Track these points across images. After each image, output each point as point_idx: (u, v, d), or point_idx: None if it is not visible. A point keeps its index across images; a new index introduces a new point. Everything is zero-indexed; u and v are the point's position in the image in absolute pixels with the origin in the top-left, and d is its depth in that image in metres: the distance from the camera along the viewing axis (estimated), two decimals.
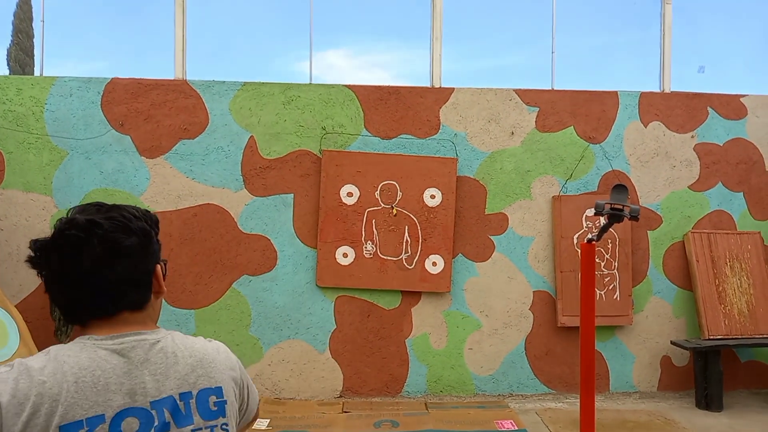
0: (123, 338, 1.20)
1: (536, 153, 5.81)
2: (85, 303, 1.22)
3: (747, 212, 5.98)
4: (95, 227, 1.18)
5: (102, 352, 1.18)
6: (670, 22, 6.05)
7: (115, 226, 1.20)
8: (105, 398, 1.12)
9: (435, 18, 5.90)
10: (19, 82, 5.57)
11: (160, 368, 1.20)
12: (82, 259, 1.17)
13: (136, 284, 1.25)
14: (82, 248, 1.17)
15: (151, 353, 1.21)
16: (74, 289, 1.20)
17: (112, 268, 1.19)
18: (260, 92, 5.65)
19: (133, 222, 1.23)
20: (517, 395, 5.72)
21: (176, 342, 1.26)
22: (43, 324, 5.24)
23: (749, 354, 5.96)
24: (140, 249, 1.24)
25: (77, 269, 1.18)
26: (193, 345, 1.29)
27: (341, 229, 5.57)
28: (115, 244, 1.19)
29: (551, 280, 5.78)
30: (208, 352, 1.29)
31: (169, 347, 1.24)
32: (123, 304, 1.23)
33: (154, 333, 1.25)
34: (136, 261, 1.23)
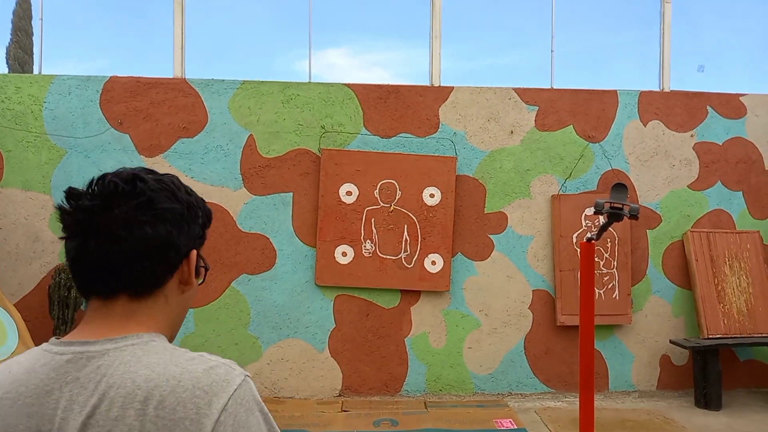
0: (71, 346, 0.95)
1: (535, 152, 5.80)
2: (91, 268, 0.98)
3: (746, 211, 5.98)
4: (139, 181, 1.01)
5: (41, 362, 0.95)
6: (669, 21, 6.05)
7: (159, 186, 1.03)
8: (16, 422, 0.91)
9: (434, 17, 5.90)
10: (18, 81, 5.56)
11: (81, 395, 0.90)
12: (113, 211, 0.97)
13: (157, 257, 1.00)
14: (117, 198, 0.98)
15: (83, 372, 0.92)
16: (89, 249, 0.97)
17: (141, 224, 0.98)
18: (259, 91, 5.64)
19: (181, 192, 1.06)
20: (516, 394, 5.72)
21: (126, 361, 0.92)
22: (42, 323, 5.24)
23: (748, 353, 5.96)
24: (178, 220, 1.03)
25: (102, 217, 0.96)
26: (149, 373, 0.90)
27: (340, 228, 5.56)
28: (153, 200, 1.00)
29: (550, 279, 5.78)
30: (168, 389, 0.89)
31: (112, 366, 0.92)
32: (127, 281, 0.99)
33: (111, 341, 0.95)
34: (170, 229, 1.01)
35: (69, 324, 5.11)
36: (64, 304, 5.10)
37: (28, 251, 5.46)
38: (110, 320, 0.99)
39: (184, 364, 0.93)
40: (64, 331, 5.09)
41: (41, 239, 5.47)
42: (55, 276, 5.16)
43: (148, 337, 0.98)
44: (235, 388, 0.92)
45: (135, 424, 0.87)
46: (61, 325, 5.09)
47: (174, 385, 0.89)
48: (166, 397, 0.88)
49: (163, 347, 0.97)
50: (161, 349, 0.96)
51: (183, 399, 0.88)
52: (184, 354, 0.96)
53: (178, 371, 0.91)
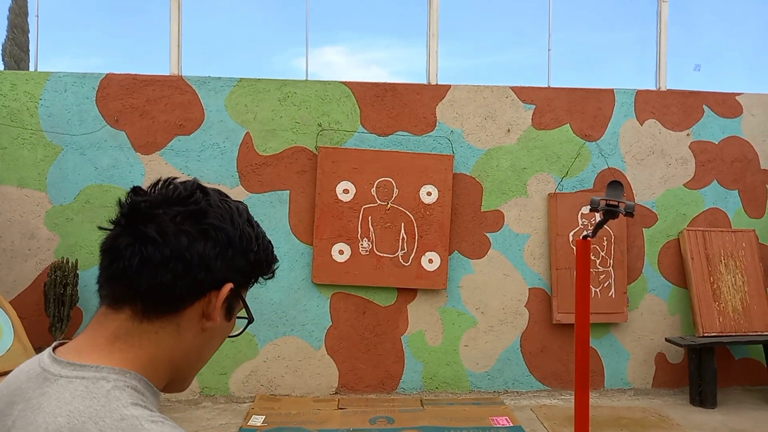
0: (49, 360, 0.87)
1: (532, 150, 5.81)
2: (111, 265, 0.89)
3: (742, 210, 6.00)
4: (200, 191, 0.93)
5: (27, 368, 0.89)
6: (666, 20, 6.06)
7: (220, 205, 0.94)
8: None
9: (432, 15, 5.90)
10: (14, 78, 5.54)
11: (17, 423, 0.82)
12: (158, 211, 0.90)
13: (181, 273, 0.87)
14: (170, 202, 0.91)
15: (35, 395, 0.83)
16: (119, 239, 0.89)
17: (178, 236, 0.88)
18: (256, 88, 5.63)
19: (242, 220, 0.96)
20: (512, 392, 5.74)
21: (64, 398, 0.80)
22: (38, 320, 5.22)
23: (743, 351, 5.99)
24: (223, 243, 0.91)
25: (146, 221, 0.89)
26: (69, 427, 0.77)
27: (337, 226, 5.56)
28: (202, 212, 0.91)
29: (547, 277, 5.79)
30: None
31: (50, 399, 0.81)
32: (140, 291, 0.87)
33: (74, 368, 0.83)
34: (211, 251, 0.89)
35: (65, 321, 5.09)
36: (59, 301, 5.08)
37: (24, 248, 5.45)
38: (98, 336, 0.88)
39: (106, 426, 0.77)
40: (59, 329, 5.07)
41: (37, 236, 5.45)
42: (50, 273, 5.15)
43: (107, 372, 0.83)
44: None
45: None
46: (57, 323, 5.08)
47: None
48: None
49: (107, 392, 0.80)
50: (102, 395, 0.80)
51: None
52: (118, 410, 0.79)
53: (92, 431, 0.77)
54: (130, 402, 0.80)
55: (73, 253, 5.41)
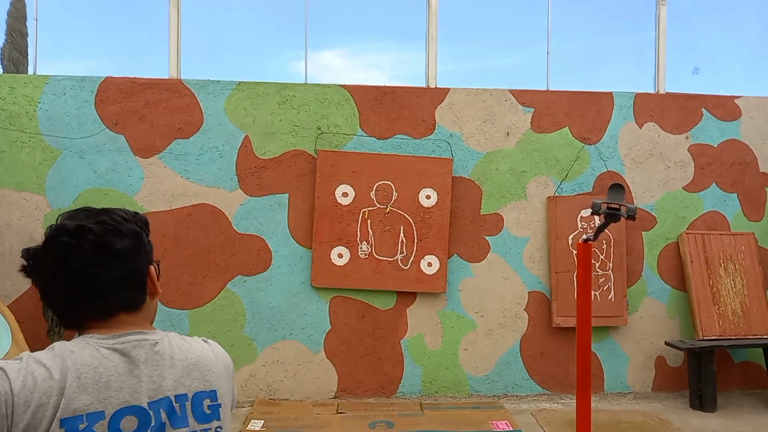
0: (125, 338, 1.22)
1: (531, 153, 5.81)
2: (80, 305, 1.22)
3: (741, 213, 6.00)
4: (86, 232, 1.20)
5: (104, 351, 1.19)
6: (664, 23, 6.07)
7: (105, 229, 1.21)
8: (105, 395, 1.14)
9: (430, 18, 5.90)
10: (13, 81, 5.53)
11: (158, 369, 1.21)
12: (73, 262, 1.18)
13: (130, 285, 1.25)
14: (73, 252, 1.19)
15: (150, 354, 1.22)
16: (68, 292, 1.20)
17: (105, 269, 1.20)
18: (255, 92, 5.63)
19: (124, 225, 1.25)
20: (511, 396, 5.72)
21: (173, 344, 1.27)
22: (36, 324, 5.21)
23: (743, 355, 5.98)
24: (132, 250, 1.25)
25: (69, 272, 1.19)
26: (190, 347, 1.29)
27: (336, 229, 5.55)
28: (107, 246, 1.20)
29: (546, 280, 5.78)
30: (205, 355, 1.30)
31: (166, 349, 1.25)
32: (118, 305, 1.24)
33: (153, 334, 1.26)
34: (129, 262, 1.24)
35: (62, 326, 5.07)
36: None
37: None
38: (132, 324, 1.27)
39: (199, 344, 1.35)
40: (57, 333, 5.06)
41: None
42: None
43: (164, 332, 1.30)
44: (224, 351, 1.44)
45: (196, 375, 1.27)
46: (55, 327, 5.06)
47: (202, 354, 1.32)
48: (206, 357, 1.32)
49: (179, 336, 1.32)
50: (179, 337, 1.32)
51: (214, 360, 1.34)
52: (193, 339, 1.37)
53: (200, 347, 1.34)
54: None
55: None
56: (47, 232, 1.23)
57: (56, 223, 1.24)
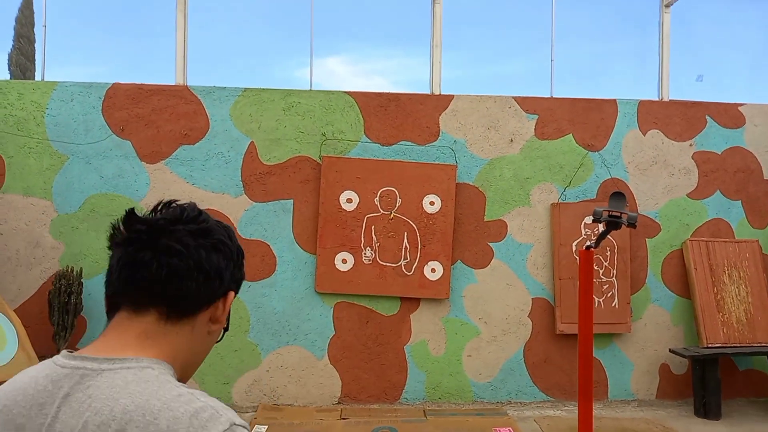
0: (73, 361, 0.93)
1: (535, 160, 5.83)
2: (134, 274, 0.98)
3: (745, 220, 5.99)
4: (203, 215, 1.07)
5: (43, 374, 0.94)
6: (668, 30, 6.09)
7: (219, 225, 1.08)
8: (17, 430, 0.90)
9: (435, 25, 5.94)
10: (21, 87, 5.59)
11: (61, 417, 0.88)
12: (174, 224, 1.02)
13: (202, 281, 1.01)
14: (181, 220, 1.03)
15: (75, 390, 0.90)
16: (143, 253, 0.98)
17: (197, 247, 1.01)
18: (261, 98, 5.67)
19: (234, 239, 1.11)
20: (515, 402, 5.72)
21: (118, 385, 0.88)
22: (42, 328, 5.24)
23: (747, 362, 5.96)
24: (229, 257, 1.07)
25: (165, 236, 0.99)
26: (135, 404, 0.85)
27: (340, 235, 5.57)
28: (213, 231, 1.05)
29: (550, 287, 5.79)
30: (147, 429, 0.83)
31: (100, 389, 0.88)
32: (165, 296, 0.98)
33: (114, 361, 0.92)
34: (221, 261, 1.04)
35: (69, 330, 5.11)
36: (63, 310, 5.10)
37: (29, 257, 5.47)
38: (126, 336, 0.97)
39: (168, 400, 0.86)
40: (63, 338, 5.09)
41: (42, 245, 5.48)
42: (55, 282, 5.17)
43: (148, 362, 0.93)
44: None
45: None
46: (61, 332, 5.09)
47: (149, 421, 0.83)
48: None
49: (156, 376, 0.90)
50: (153, 378, 0.90)
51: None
52: (174, 389, 0.89)
53: (158, 406, 0.85)
54: (178, 384, 0.92)
55: (78, 261, 5.43)
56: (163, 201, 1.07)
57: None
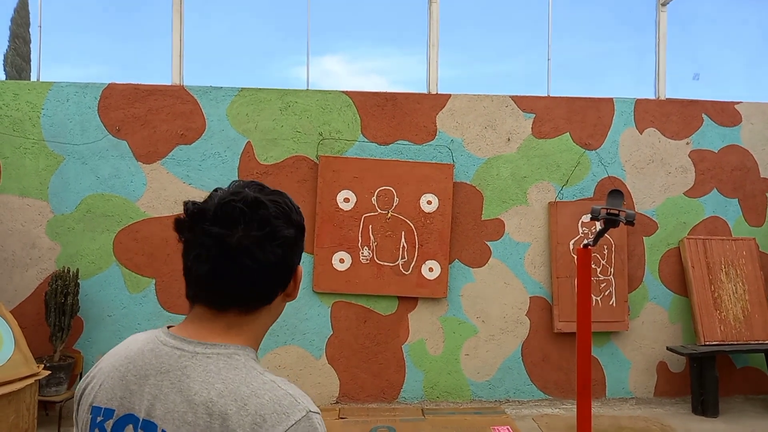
0: (176, 340, 1.06)
1: (532, 159, 5.83)
2: (208, 282, 1.05)
3: (742, 218, 6.00)
4: (261, 207, 1.06)
5: (149, 347, 1.07)
6: (665, 29, 6.09)
7: (278, 212, 1.08)
8: (122, 394, 1.04)
9: (432, 25, 5.93)
10: (16, 87, 5.56)
11: (164, 390, 1.00)
12: (237, 234, 1.03)
13: (274, 279, 1.09)
14: (241, 223, 1.03)
15: (174, 368, 1.02)
16: (216, 263, 1.03)
17: (264, 252, 1.04)
18: (257, 98, 5.66)
19: (294, 213, 1.12)
20: (513, 401, 5.72)
21: (212, 370, 1.00)
22: (38, 329, 5.22)
23: (745, 360, 5.97)
24: (294, 242, 1.11)
25: (230, 242, 1.02)
26: (228, 390, 0.97)
27: (338, 234, 5.57)
28: (276, 229, 1.06)
29: (547, 285, 5.79)
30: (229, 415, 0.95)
31: (195, 371, 1.00)
32: (243, 299, 1.07)
33: (206, 346, 1.03)
34: (287, 253, 1.09)
35: (65, 331, 5.09)
36: (60, 311, 5.08)
37: (25, 258, 5.45)
38: (214, 327, 1.07)
39: (256, 387, 0.99)
40: (60, 339, 5.07)
41: (38, 246, 5.46)
42: (51, 283, 5.15)
43: (235, 349, 1.04)
44: (293, 423, 0.96)
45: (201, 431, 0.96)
46: (58, 332, 5.07)
47: (240, 406, 0.96)
48: (231, 416, 0.95)
49: (243, 363, 1.03)
50: (241, 366, 1.02)
51: (244, 422, 0.95)
52: (259, 376, 1.01)
53: (247, 393, 0.97)
54: (262, 370, 1.04)
55: (74, 262, 5.42)
56: (220, 194, 1.07)
57: (229, 188, 1.10)
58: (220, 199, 1.05)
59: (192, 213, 1.05)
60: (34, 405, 4.18)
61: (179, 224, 1.07)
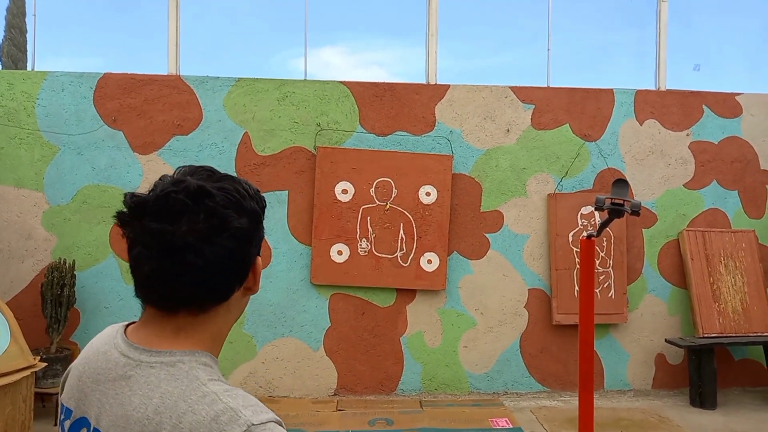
0: (126, 346, 1.00)
1: (532, 150, 5.79)
2: (157, 283, 0.97)
3: (741, 210, 5.99)
4: (206, 197, 0.95)
5: (104, 349, 1.03)
6: (665, 20, 6.05)
7: (227, 200, 0.97)
8: (78, 396, 1.02)
9: (431, 15, 5.88)
10: (11, 77, 5.50)
11: (110, 401, 0.97)
12: (180, 229, 0.93)
13: (228, 274, 1.00)
14: (184, 216, 0.94)
15: (121, 378, 0.97)
16: (154, 262, 0.95)
17: (213, 247, 0.95)
18: (255, 88, 5.61)
19: (247, 201, 1.01)
20: (511, 393, 5.71)
21: (152, 383, 0.94)
22: (35, 321, 5.19)
23: (743, 352, 5.97)
24: (247, 233, 1.00)
25: (172, 239, 0.93)
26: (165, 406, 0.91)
27: (336, 226, 5.54)
28: (225, 220, 0.96)
29: (546, 278, 5.77)
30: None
31: (137, 384, 0.95)
32: (193, 299, 0.98)
33: (151, 354, 0.96)
34: (239, 246, 0.99)
35: (62, 323, 5.06)
36: (56, 302, 5.05)
37: (21, 249, 5.41)
38: (163, 331, 0.99)
39: (193, 402, 0.90)
40: (56, 330, 5.04)
41: (34, 237, 5.42)
42: (47, 274, 5.11)
43: (180, 356, 0.96)
44: None
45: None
46: (54, 324, 5.04)
47: (174, 424, 0.89)
48: None
49: (186, 372, 0.94)
50: (183, 375, 0.94)
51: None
52: (200, 388, 0.92)
53: (183, 408, 0.90)
54: (207, 379, 0.94)
55: (71, 253, 5.38)
56: (162, 183, 0.97)
57: (173, 175, 1.00)
58: (161, 190, 0.95)
59: (131, 207, 0.96)
60: (31, 397, 4.15)
61: (120, 219, 0.97)
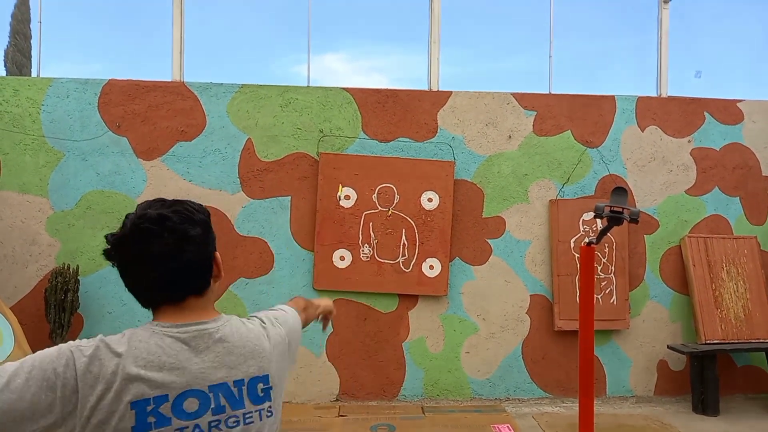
0: (187, 327, 1.33)
1: (533, 157, 5.81)
2: (158, 288, 1.33)
3: (743, 217, 5.99)
4: (166, 220, 1.31)
5: (168, 340, 1.30)
6: (667, 27, 6.07)
7: (182, 218, 1.33)
8: (169, 380, 1.26)
9: (433, 22, 5.91)
10: (16, 83, 5.55)
11: (218, 357, 1.33)
12: (155, 247, 1.29)
13: (200, 270, 1.38)
14: (154, 239, 1.29)
15: (210, 343, 1.34)
16: (148, 276, 1.32)
17: (181, 255, 1.31)
18: (258, 95, 5.64)
19: (195, 214, 1.37)
20: (513, 399, 5.71)
21: (233, 332, 1.39)
22: (38, 326, 5.21)
23: (745, 359, 5.96)
24: (203, 237, 1.37)
25: (150, 257, 1.29)
26: (248, 335, 1.42)
27: (338, 232, 5.55)
28: (184, 234, 1.32)
29: (548, 284, 5.78)
30: (260, 343, 1.43)
31: (227, 337, 1.37)
32: (189, 290, 1.36)
33: (214, 321, 1.38)
34: (201, 248, 1.36)
35: (65, 328, 5.08)
36: (60, 307, 5.07)
37: (25, 254, 5.44)
38: (194, 311, 1.37)
39: (256, 331, 1.46)
40: (60, 335, 5.06)
41: (38, 242, 5.45)
42: (51, 279, 5.14)
43: (226, 317, 1.42)
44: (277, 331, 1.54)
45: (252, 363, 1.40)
46: (58, 329, 5.07)
47: (261, 339, 1.45)
48: (261, 345, 1.44)
49: (237, 319, 1.45)
50: (237, 321, 1.44)
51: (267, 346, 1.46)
52: (250, 324, 1.48)
53: (256, 334, 1.45)
54: (241, 320, 1.47)
55: (74, 259, 5.41)
56: (129, 220, 1.33)
57: (136, 212, 1.34)
58: (132, 224, 1.31)
59: (113, 244, 1.32)
60: None
61: (108, 256, 1.33)
